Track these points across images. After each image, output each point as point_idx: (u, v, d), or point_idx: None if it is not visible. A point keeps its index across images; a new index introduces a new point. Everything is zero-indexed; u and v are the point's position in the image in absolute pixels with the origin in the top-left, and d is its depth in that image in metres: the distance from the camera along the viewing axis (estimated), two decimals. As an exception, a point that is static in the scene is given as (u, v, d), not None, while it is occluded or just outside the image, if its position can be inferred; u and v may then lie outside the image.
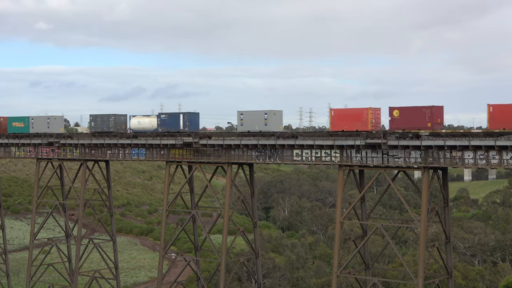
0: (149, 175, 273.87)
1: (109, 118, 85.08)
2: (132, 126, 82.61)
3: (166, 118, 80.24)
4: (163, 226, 79.01)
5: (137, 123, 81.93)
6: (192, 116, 79.53)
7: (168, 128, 79.62)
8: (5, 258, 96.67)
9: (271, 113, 73.23)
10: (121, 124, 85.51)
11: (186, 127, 78.40)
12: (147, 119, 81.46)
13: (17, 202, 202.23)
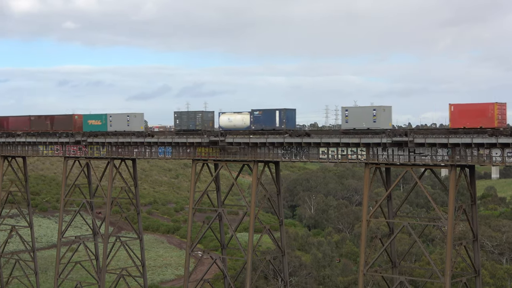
0: (176, 173, 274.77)
1: (196, 115, 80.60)
2: (221, 123, 78.42)
3: (260, 115, 75.80)
4: (189, 224, 79.19)
5: (227, 120, 77.90)
6: (289, 113, 74.80)
7: (262, 126, 75.30)
8: (33, 256, 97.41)
9: (380, 109, 68.79)
10: (208, 121, 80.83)
11: (283, 124, 73.89)
12: (238, 116, 77.39)
13: (45, 200, 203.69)
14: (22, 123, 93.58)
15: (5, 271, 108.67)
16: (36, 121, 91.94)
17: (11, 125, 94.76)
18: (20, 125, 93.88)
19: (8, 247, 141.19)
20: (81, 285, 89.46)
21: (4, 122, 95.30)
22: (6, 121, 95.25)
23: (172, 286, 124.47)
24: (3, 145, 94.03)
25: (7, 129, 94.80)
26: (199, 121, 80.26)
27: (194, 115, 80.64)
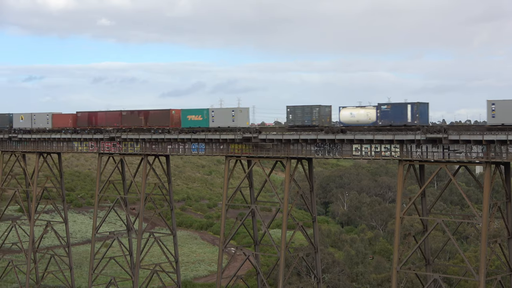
0: (209, 169, 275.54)
1: (312, 110, 74.64)
2: (342, 118, 72.94)
3: (388, 110, 70.17)
4: (222, 221, 79.43)
5: (349, 115, 72.47)
6: (422, 107, 69.33)
7: (391, 121, 69.76)
8: (68, 251, 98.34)
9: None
10: (325, 116, 75.17)
11: (416, 119, 68.49)
12: (362, 110, 71.91)
13: (80, 196, 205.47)
14: (112, 118, 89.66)
15: (40, 266, 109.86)
16: (128, 117, 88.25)
17: (100, 121, 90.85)
18: (110, 120, 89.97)
19: (43, 242, 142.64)
20: (115, 281, 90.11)
21: (93, 117, 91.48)
22: (95, 116, 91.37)
23: (205, 282, 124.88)
24: (39, 141, 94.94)
25: (96, 124, 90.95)
26: (316, 116, 74.76)
27: (310, 109, 75.04)
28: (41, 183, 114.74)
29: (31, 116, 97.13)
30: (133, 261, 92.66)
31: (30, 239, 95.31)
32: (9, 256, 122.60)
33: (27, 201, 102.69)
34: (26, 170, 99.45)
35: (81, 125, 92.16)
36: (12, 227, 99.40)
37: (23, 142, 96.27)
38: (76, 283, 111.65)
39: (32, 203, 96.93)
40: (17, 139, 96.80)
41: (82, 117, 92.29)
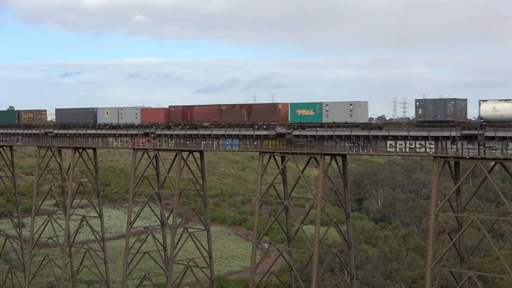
0: (242, 165, 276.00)
1: (447, 104, 68.06)
2: (483, 113, 66.62)
3: None
4: (256, 216, 79.51)
5: (491, 109, 66.25)
6: None
7: None
8: (103, 245, 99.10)
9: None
10: (461, 111, 68.86)
11: None
12: (507, 104, 64.80)
13: (114, 191, 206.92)
14: (210, 113, 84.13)
15: (75, 260, 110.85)
16: (228, 111, 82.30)
17: (196, 116, 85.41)
18: (207, 115, 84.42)
19: (78, 237, 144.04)
20: (149, 275, 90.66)
21: (188, 112, 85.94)
22: (190, 111, 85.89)
23: (238, 277, 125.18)
24: (75, 136, 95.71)
25: (191, 120, 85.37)
26: (451, 110, 68.17)
27: (443, 103, 68.54)
28: (76, 178, 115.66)
29: (117, 111, 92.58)
30: (167, 256, 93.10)
31: (66, 234, 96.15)
32: (45, 250, 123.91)
33: (63, 196, 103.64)
34: (62, 165, 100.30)
35: (175, 120, 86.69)
36: (48, 222, 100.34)
37: (59, 138, 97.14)
38: (111, 278, 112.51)
39: (67, 198, 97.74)
40: (53, 135, 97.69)
41: (176, 112, 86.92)
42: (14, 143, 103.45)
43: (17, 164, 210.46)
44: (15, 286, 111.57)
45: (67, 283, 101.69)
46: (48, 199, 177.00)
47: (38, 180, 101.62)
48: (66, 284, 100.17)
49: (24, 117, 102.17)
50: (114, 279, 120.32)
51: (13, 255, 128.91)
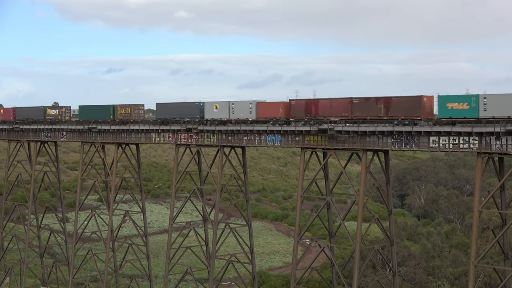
0: (284, 161, 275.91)
1: None
2: None
3: None
4: (297, 212, 79.47)
5: None
6: None
7: None
8: (145, 240, 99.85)
9: None
10: None
11: None
12: None
13: (157, 186, 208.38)
14: (339, 107, 77.00)
15: (118, 255, 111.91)
16: (361, 105, 75.27)
17: (322, 110, 77.96)
18: (336, 110, 77.25)
19: (121, 232, 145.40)
20: (191, 270, 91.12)
21: (312, 106, 78.86)
22: (315, 104, 78.67)
23: (280, 273, 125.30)
24: (118, 132, 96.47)
25: (316, 114, 78.22)
26: None
27: None
28: (119, 173, 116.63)
29: (228, 105, 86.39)
30: (209, 251, 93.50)
31: (109, 228, 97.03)
32: (88, 244, 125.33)
33: (106, 191, 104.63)
34: (105, 161, 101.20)
35: (296, 114, 79.97)
36: (91, 216, 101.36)
37: (103, 133, 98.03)
38: (153, 272, 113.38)
39: (111, 193, 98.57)
40: (96, 130, 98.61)
41: (298, 106, 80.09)
42: (59, 139, 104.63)
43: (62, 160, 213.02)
44: (59, 279, 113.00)
45: (110, 277, 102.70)
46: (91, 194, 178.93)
47: (82, 175, 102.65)
48: (109, 278, 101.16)
49: (120, 112, 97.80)
50: (157, 274, 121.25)
51: (57, 249, 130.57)
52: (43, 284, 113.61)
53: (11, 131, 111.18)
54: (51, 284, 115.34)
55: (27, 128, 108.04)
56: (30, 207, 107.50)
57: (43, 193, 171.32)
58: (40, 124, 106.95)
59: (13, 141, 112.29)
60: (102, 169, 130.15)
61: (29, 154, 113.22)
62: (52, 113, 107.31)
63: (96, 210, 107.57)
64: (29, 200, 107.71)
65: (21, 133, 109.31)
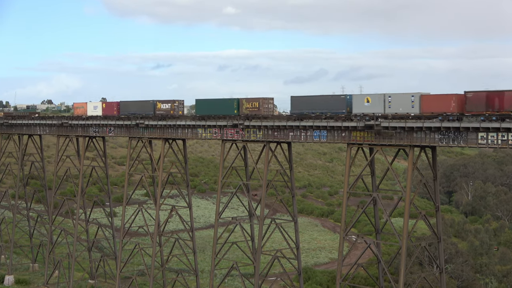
0: (330, 157, 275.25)
1: None
2: None
3: None
4: (343, 208, 79.25)
5: None
6: None
7: None
8: (191, 235, 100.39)
9: None
10: None
11: None
12: None
13: (203, 181, 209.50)
14: None
15: (165, 249, 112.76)
16: None
17: (508, 103, 67.49)
18: None
19: (168, 226, 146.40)
20: (237, 265, 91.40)
21: (495, 99, 68.37)
22: (499, 97, 68.04)
23: (325, 269, 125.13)
24: (165, 127, 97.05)
25: (501, 108, 67.60)
26: None
27: None
28: (166, 168, 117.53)
29: (383, 98, 76.06)
30: (255, 246, 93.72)
31: (156, 223, 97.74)
32: (135, 239, 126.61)
33: (153, 186, 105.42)
34: (153, 156, 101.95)
35: (473, 108, 69.76)
36: (138, 211, 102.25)
37: (150, 129, 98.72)
38: (199, 267, 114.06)
39: (158, 188, 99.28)
40: (143, 126, 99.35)
41: (476, 98, 70.06)
42: (106, 134, 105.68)
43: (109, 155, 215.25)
44: (107, 273, 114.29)
45: (157, 271, 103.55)
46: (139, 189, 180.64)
47: (129, 170, 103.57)
48: (156, 273, 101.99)
49: (246, 106, 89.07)
50: (203, 269, 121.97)
51: (105, 243, 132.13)
52: (91, 277, 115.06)
53: (60, 126, 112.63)
54: (99, 277, 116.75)
55: (75, 124, 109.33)
56: (78, 202, 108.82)
57: (91, 188, 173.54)
58: (149, 119, 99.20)
59: (62, 136, 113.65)
60: (149, 164, 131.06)
61: (78, 149, 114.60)
62: (163, 108, 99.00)
63: (143, 205, 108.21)
64: (77, 195, 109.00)
65: (69, 128, 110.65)
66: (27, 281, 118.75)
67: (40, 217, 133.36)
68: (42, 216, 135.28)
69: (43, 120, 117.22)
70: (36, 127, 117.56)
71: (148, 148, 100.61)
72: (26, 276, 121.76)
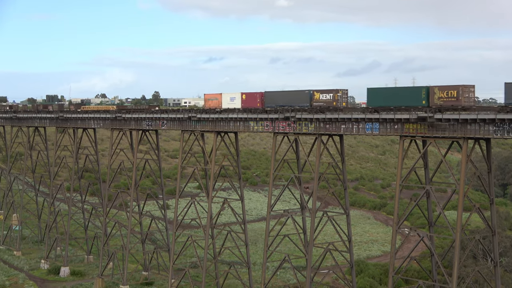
0: (382, 149, 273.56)
1: None
2: None
3: None
4: (396, 201, 78.77)
5: None
6: None
7: None
8: (243, 228, 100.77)
9: None
10: None
11: None
12: None
13: (255, 174, 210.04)
14: None
15: (217, 242, 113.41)
16: None
17: None
18: None
19: (220, 219, 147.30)
20: (289, 258, 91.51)
21: None
22: None
23: (378, 262, 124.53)
24: (217, 121, 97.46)
25: None
26: None
27: None
28: (218, 161, 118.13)
29: None
30: (307, 239, 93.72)
31: (208, 216, 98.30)
32: (188, 231, 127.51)
33: (205, 178, 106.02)
34: (205, 149, 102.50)
35: None
36: (191, 204, 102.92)
37: (202, 122, 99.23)
38: (252, 259, 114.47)
39: (210, 181, 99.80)
40: (196, 119, 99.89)
41: None
42: (159, 127, 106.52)
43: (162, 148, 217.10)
44: (160, 265, 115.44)
45: (209, 263, 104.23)
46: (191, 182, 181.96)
47: (182, 163, 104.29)
48: (208, 265, 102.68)
49: (440, 96, 75.77)
50: (255, 261, 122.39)
51: (158, 235, 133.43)
52: (144, 269, 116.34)
53: (113, 120, 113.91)
54: (152, 269, 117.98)
55: (129, 117, 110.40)
56: (132, 194, 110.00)
57: (144, 181, 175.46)
58: (297, 111, 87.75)
59: (116, 130, 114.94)
60: (202, 157, 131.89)
61: (131, 143, 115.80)
62: (323, 99, 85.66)
63: (196, 198, 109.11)
64: (131, 188, 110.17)
65: (123, 122, 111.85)
66: (82, 272, 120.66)
67: (95, 209, 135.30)
68: (97, 208, 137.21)
69: (130, 113, 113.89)
70: (90, 120, 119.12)
71: (200, 141, 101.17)
72: (81, 267, 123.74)
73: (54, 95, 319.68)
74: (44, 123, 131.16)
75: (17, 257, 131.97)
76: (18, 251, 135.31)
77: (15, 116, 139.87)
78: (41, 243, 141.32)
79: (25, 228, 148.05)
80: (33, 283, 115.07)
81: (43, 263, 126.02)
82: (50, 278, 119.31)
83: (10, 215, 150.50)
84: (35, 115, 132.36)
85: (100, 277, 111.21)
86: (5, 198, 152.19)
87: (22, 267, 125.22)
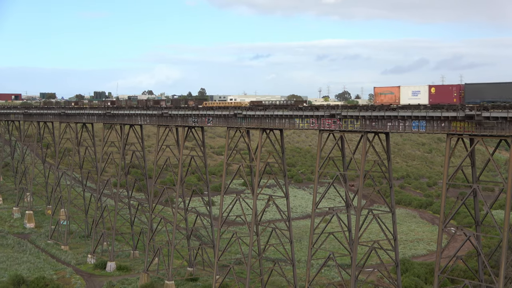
0: (429, 147, 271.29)
1: None
2: None
3: None
4: (442, 200, 78.08)
5: None
6: None
7: None
8: (288, 225, 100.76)
9: None
10: None
11: None
12: None
13: (300, 172, 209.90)
14: None
15: (262, 239, 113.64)
16: None
17: None
18: None
19: (265, 216, 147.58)
20: (333, 256, 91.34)
21: None
22: None
23: (423, 261, 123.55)
24: (262, 118, 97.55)
25: None
26: None
27: None
28: (264, 158, 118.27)
29: None
30: (352, 237, 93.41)
31: (253, 212, 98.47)
32: (233, 228, 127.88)
33: (251, 175, 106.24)
34: (250, 146, 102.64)
35: None
36: (236, 200, 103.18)
37: (248, 119, 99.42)
38: (296, 257, 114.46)
39: (255, 178, 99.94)
40: (241, 116, 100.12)
41: None
42: (205, 124, 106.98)
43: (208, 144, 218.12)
44: (205, 261, 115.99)
45: (254, 260, 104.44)
46: (236, 179, 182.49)
47: (227, 160, 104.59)
48: (253, 262, 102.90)
49: None
50: (299, 258, 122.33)
51: (203, 231, 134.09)
52: (189, 265, 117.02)
53: (160, 116, 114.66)
54: (197, 265, 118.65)
55: (175, 114, 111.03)
56: (177, 191, 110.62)
57: (190, 177, 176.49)
58: None
59: (162, 126, 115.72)
60: (247, 154, 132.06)
61: (177, 139, 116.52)
62: None
63: (241, 194, 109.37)
64: (176, 184, 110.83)
65: (169, 118, 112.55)
66: (128, 267, 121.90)
67: (141, 205, 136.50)
68: (143, 204, 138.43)
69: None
70: (137, 117, 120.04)
71: (246, 138, 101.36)
72: (127, 262, 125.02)
73: (101, 92, 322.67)
74: (91, 119, 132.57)
75: (65, 252, 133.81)
76: (65, 245, 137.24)
77: (64, 112, 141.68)
78: (88, 238, 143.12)
79: (73, 223, 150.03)
80: (80, 277, 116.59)
81: (90, 258, 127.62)
82: (97, 272, 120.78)
83: (58, 210, 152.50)
84: (135, 111, 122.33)
85: (146, 272, 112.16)
86: (53, 193, 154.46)
87: (69, 261, 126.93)
